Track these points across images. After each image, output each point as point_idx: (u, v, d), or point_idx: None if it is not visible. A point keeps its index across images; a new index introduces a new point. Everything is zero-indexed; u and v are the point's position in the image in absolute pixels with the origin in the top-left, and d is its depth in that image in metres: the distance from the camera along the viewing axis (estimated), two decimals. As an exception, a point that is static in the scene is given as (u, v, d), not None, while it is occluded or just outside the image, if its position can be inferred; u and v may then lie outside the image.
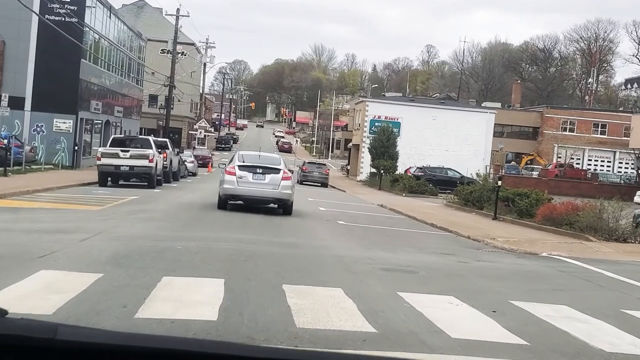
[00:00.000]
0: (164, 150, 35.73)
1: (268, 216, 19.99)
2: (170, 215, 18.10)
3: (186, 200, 25.17)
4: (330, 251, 12.82)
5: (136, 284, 7.80)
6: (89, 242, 11.30)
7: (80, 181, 31.13)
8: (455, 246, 16.12)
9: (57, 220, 14.79)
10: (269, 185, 20.68)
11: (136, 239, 12.12)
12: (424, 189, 44.78)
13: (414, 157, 61.40)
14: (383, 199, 37.37)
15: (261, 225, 17.13)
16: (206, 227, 15.64)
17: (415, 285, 9.20)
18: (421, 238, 17.85)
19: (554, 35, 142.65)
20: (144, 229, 14.05)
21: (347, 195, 41.47)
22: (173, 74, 57.90)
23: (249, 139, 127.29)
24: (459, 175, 51.70)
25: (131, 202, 21.97)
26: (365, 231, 18.37)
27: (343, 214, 24.64)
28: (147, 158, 29.86)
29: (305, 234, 16.25)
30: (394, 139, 57.52)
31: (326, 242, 14.70)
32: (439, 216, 26.02)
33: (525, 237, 18.85)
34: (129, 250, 10.59)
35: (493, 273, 11.34)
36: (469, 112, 66.61)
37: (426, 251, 14.28)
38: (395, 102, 67.97)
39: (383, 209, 30.68)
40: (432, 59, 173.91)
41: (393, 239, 16.95)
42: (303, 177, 51.33)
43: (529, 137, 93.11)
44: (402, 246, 15.02)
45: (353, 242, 15.04)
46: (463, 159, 62.05)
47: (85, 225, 13.94)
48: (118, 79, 55.83)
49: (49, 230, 12.59)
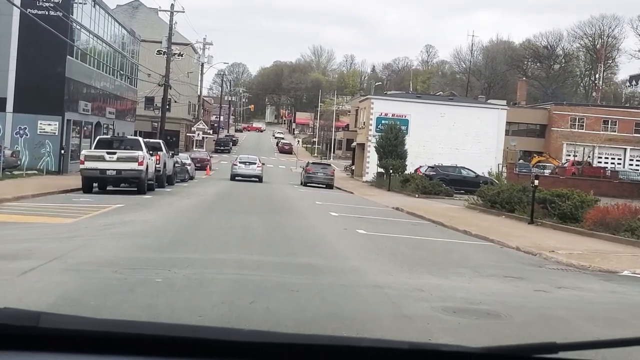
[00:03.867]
0: (156, 152, 32.62)
1: (274, 224, 16.84)
2: (156, 228, 14.88)
3: (179, 207, 21.99)
4: (362, 277, 9.64)
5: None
6: (32, 276, 8.09)
7: (62, 187, 27.95)
8: (510, 262, 12.95)
9: (8, 240, 11.62)
10: (251, 169, 46.60)
11: (102, 267, 8.95)
12: (438, 189, 41.56)
13: (422, 155, 58.10)
14: (396, 201, 34.22)
15: (267, 238, 13.98)
16: (199, 243, 12.45)
17: (513, 342, 5.98)
18: (463, 251, 14.68)
19: (558, 32, 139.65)
20: (118, 250, 10.86)
21: (357, 198, 38.29)
22: (168, 73, 54.73)
23: (249, 140, 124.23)
24: (473, 175, 48.50)
25: (113, 212, 18.79)
26: (393, 243, 15.18)
27: (359, 220, 21.48)
28: (136, 161, 26.68)
29: (324, 249, 13.07)
30: (402, 137, 54.33)
31: (352, 261, 11.52)
32: (467, 221, 22.84)
33: (585, 247, 15.66)
34: (85, 289, 7.43)
35: (597, 311, 8.16)
36: (479, 109, 63.41)
37: (483, 273, 11.08)
38: (402, 99, 64.78)
39: (400, 212, 27.51)
40: (432, 59, 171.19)
41: (431, 253, 13.79)
42: (307, 179, 48.14)
43: (537, 134, 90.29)
44: (449, 265, 11.84)
45: (386, 261, 11.85)
46: (474, 157, 58.78)
47: (43, 247, 10.77)
48: (110, 79, 52.63)
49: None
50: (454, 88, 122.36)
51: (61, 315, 1.87)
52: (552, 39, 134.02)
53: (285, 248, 12.70)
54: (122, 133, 44.76)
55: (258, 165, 47.43)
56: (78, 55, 43.14)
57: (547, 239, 17.29)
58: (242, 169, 47.32)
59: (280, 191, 38.15)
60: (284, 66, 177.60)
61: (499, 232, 18.98)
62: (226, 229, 15.26)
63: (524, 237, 17.43)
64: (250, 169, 47.11)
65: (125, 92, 58.67)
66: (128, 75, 58.07)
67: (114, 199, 23.90)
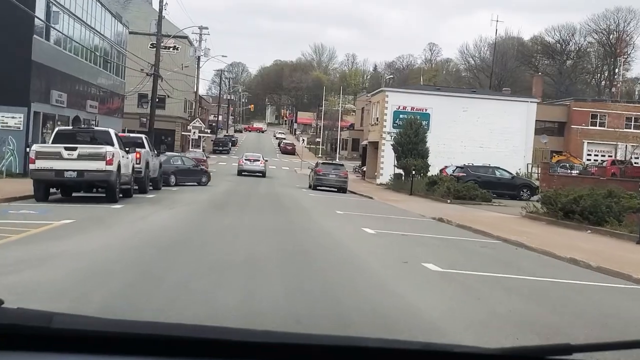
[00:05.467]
0: (137, 149, 26.31)
1: (293, 264, 10.45)
2: (92, 272, 8.46)
3: (152, 225, 15.57)
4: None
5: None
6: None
7: (12, 194, 21.58)
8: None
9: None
10: (255, 165, 52.68)
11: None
12: (474, 193, 35.11)
13: (442, 155, 51.54)
14: (430, 209, 27.96)
15: (289, 290, 7.63)
16: (156, 315, 6.04)
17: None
18: (610, 303, 8.39)
19: (571, 26, 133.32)
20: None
21: (380, 205, 31.91)
22: (158, 61, 48.29)
23: (249, 141, 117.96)
24: (508, 176, 42.09)
25: (47, 235, 12.39)
26: (503, 293, 8.81)
27: (408, 241, 15.18)
28: (103, 159, 20.28)
29: (395, 325, 6.62)
30: (424, 133, 47.96)
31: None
32: (551, 240, 16.50)
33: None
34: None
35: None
36: (506, 102, 56.93)
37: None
38: (421, 91, 58.41)
39: (448, 226, 21.13)
40: (435, 57, 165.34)
41: (572, 314, 7.47)
42: (317, 181, 41.76)
43: (555, 132, 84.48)
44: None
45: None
46: (500, 156, 52.32)
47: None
48: (93, 69, 46.27)
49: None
50: (461, 85, 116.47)
51: (74, 316, 1.84)
52: (564, 33, 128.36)
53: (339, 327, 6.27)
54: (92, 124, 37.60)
55: (261, 162, 53.66)
56: (48, 35, 36.80)
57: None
58: (248, 165, 53.19)
59: (289, 197, 31.82)
60: (284, 65, 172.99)
61: (623, 261, 12.69)
62: (213, 273, 8.82)
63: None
64: (255, 165, 53.08)
65: (111, 84, 52.29)
66: (111, 61, 51.55)
67: (68, 210, 17.57)
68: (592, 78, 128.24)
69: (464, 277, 10.06)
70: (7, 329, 1.73)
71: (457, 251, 13.96)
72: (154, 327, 1.82)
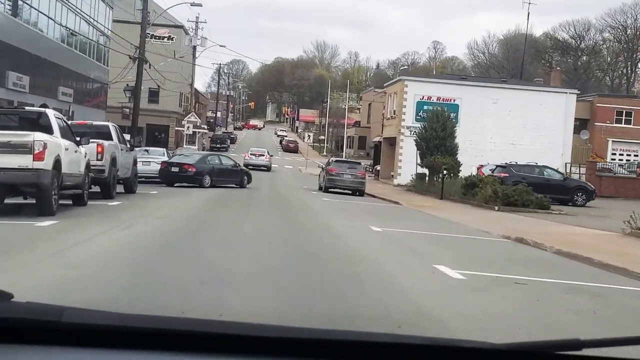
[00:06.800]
0: (98, 141, 19.68)
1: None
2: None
3: (66, 268, 8.50)
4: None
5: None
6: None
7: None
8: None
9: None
10: (260, 160, 55.16)
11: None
12: (528, 198, 28.20)
13: (468, 152, 44.69)
14: (481, 220, 21.39)
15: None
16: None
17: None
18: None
19: (586, 21, 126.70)
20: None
21: (414, 213, 25.06)
22: (144, 43, 41.43)
23: (249, 138, 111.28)
24: (559, 177, 35.19)
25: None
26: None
27: (540, 301, 8.33)
28: (29, 151, 13.47)
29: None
30: (452, 127, 41.16)
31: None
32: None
33: None
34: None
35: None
36: (541, 93, 50.05)
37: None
38: (445, 80, 51.56)
39: (541, 251, 14.28)
40: (440, 55, 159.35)
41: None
42: (329, 182, 34.97)
43: (576, 130, 78.02)
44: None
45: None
46: (534, 154, 45.36)
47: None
48: (66, 49, 39.52)
49: None
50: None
51: (85, 310, 1.82)
52: (579, 28, 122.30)
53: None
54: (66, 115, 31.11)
55: (266, 157, 57.14)
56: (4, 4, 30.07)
57: None
58: (253, 159, 55.50)
59: (299, 202, 25.06)
60: (286, 62, 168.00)
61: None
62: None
63: None
64: (260, 159, 55.97)
65: (91, 71, 45.53)
66: (91, 42, 44.67)
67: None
68: (604, 75, 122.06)
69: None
70: (17, 323, 1.71)
71: (584, 316, 7.29)
72: (165, 321, 1.79)
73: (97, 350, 1.69)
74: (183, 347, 1.69)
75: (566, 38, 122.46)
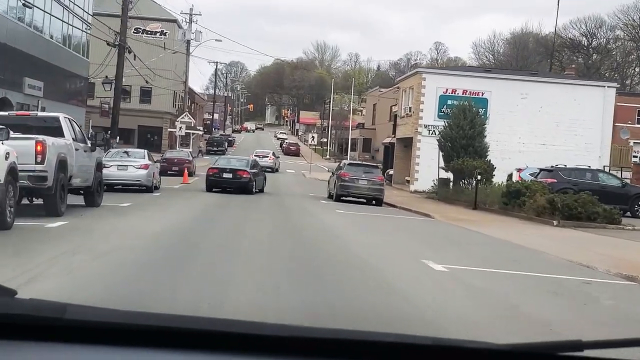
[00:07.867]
0: (38, 137, 14.25)
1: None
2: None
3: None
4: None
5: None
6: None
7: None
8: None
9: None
10: (265, 161, 51.44)
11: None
12: (594, 210, 22.50)
13: (494, 154, 38.65)
14: (549, 241, 16.15)
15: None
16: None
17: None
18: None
19: (598, 17, 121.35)
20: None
21: (460, 232, 19.36)
22: (125, 28, 35.77)
23: (247, 141, 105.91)
24: (617, 183, 29.44)
25: None
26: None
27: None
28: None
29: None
30: (482, 124, 35.57)
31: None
32: None
33: None
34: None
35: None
36: (576, 87, 44.34)
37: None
38: (468, 73, 45.94)
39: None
40: (442, 56, 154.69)
41: None
42: (342, 190, 29.36)
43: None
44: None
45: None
46: (568, 155, 39.61)
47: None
48: (33, 34, 33.94)
49: None
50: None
51: (88, 307, 1.81)
52: (590, 25, 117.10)
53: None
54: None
55: (270, 158, 56.23)
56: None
57: None
58: (258, 160, 53.92)
59: (311, 217, 19.42)
60: (285, 64, 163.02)
61: None
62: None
63: None
64: (264, 160, 52.39)
65: (66, 61, 39.93)
66: (71, 23, 39.03)
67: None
68: (614, 74, 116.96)
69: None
70: (20, 319, 1.71)
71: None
72: (168, 319, 1.78)
73: (99, 347, 1.68)
74: (185, 345, 1.68)
75: (576, 35, 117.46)
